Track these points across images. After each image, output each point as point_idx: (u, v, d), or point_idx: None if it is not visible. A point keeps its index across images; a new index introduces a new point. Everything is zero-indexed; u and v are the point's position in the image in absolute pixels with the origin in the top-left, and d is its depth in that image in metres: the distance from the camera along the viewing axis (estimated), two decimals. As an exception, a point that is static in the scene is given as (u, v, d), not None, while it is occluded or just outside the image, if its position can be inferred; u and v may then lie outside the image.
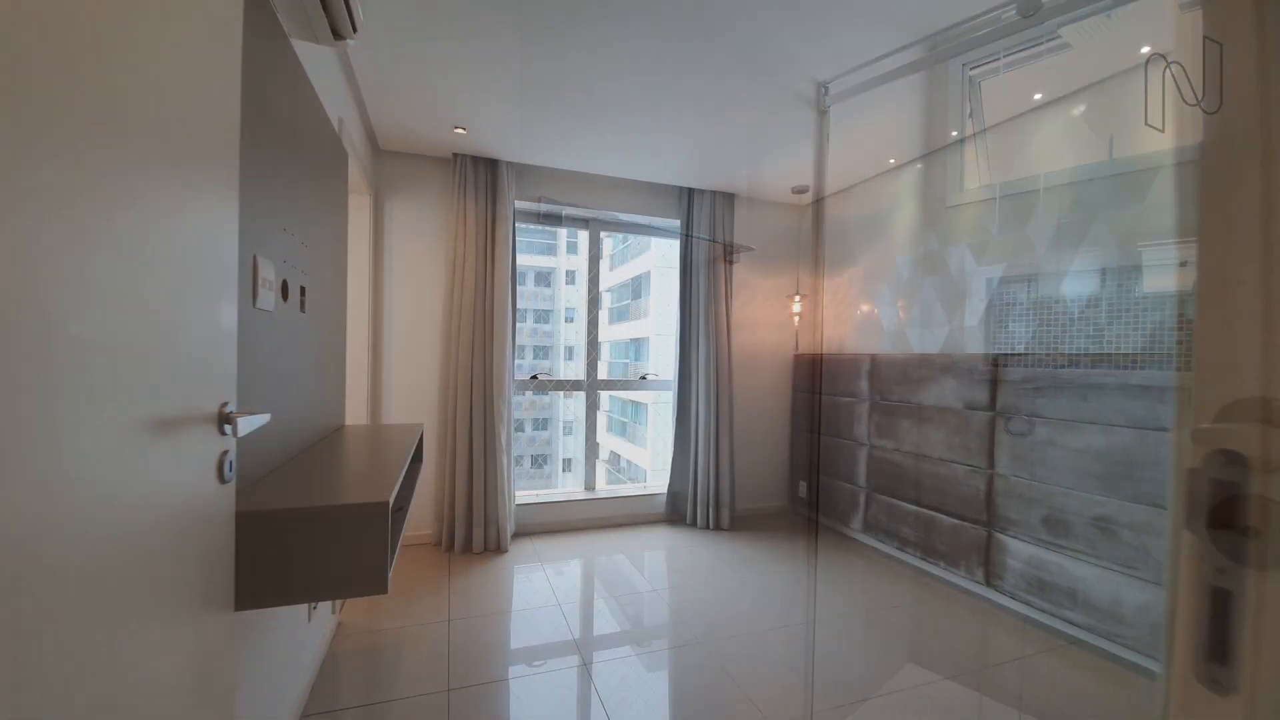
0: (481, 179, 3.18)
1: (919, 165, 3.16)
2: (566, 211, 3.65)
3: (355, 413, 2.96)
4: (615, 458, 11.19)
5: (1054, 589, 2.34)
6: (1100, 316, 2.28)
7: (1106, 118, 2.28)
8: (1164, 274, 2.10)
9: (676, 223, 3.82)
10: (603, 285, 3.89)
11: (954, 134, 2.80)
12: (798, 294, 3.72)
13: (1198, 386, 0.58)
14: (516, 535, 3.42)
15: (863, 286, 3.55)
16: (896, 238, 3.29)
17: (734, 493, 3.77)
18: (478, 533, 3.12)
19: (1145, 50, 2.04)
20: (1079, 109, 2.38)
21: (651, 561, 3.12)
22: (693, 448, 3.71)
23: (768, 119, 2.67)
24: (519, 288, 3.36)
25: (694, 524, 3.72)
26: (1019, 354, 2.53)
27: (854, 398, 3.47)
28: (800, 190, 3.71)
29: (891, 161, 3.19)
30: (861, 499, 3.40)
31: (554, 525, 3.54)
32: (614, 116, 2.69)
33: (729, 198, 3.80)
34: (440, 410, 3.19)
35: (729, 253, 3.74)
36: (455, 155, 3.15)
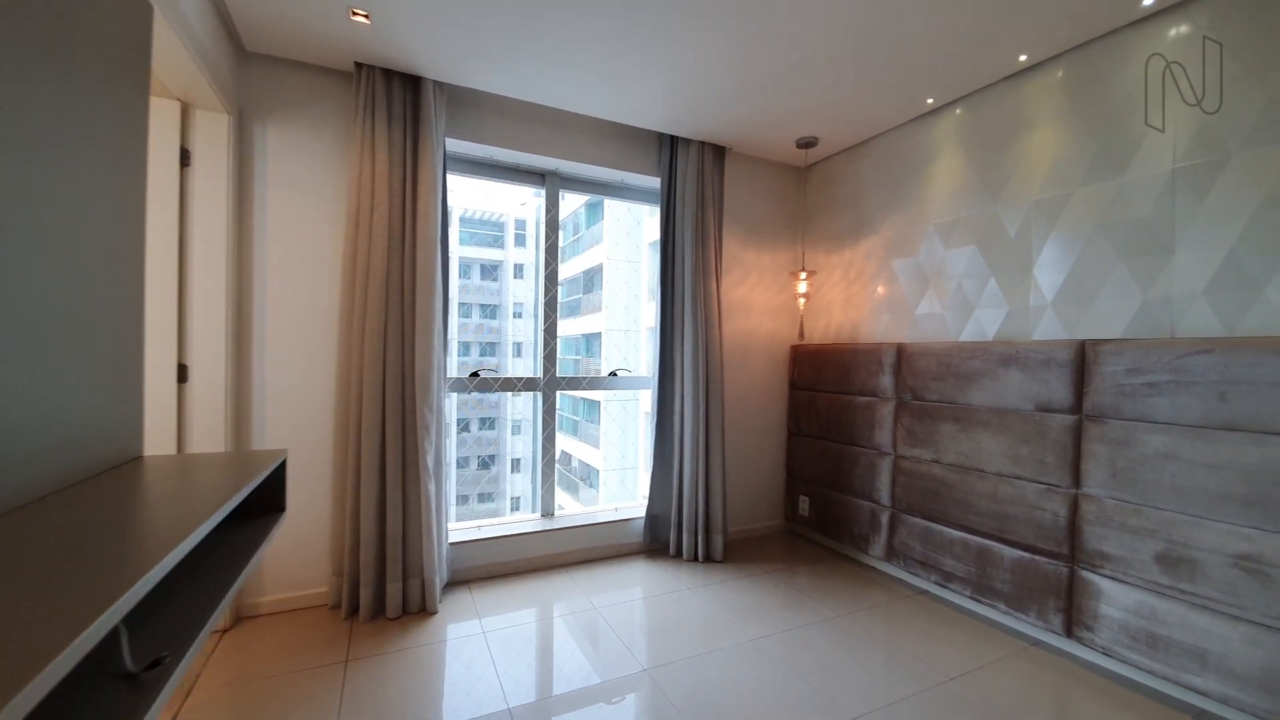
0: (398, 103, 2.31)
1: (961, 108, 2.54)
2: (517, 160, 2.82)
3: (206, 430, 2.04)
4: (566, 457, 10.36)
5: (1172, 646, 1.77)
6: (1237, 284, 1.71)
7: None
8: (1343, 228, 1.54)
9: (656, 182, 3.07)
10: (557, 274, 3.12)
11: (1022, 58, 2.19)
12: (804, 270, 3.06)
13: None
14: (452, 585, 2.58)
15: (882, 262, 2.93)
16: (933, 198, 2.67)
17: (726, 513, 3.07)
18: (394, 589, 2.26)
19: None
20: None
21: (633, 618, 2.37)
22: (676, 462, 2.98)
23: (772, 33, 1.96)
24: (463, 281, 2.53)
25: (679, 555, 2.99)
26: (1117, 339, 1.95)
27: (874, 396, 2.85)
28: (806, 143, 3.04)
29: (930, 101, 2.56)
30: (885, 520, 2.78)
31: (503, 566, 2.72)
32: (575, 14, 1.91)
33: (719, 152, 3.08)
34: (338, 422, 2.29)
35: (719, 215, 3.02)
36: (360, 66, 2.26)
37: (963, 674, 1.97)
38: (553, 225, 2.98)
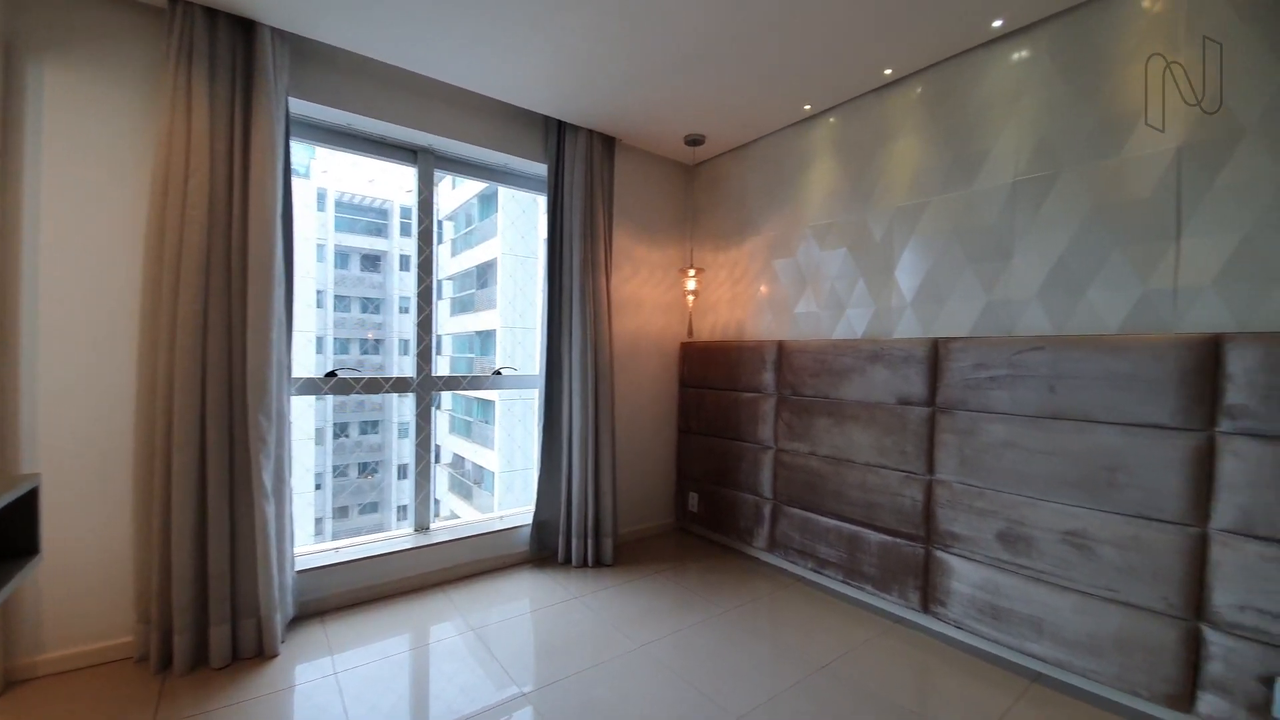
0: (224, 49, 1.93)
1: (834, 117, 2.66)
2: (384, 131, 2.52)
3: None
4: (459, 461, 9.78)
5: (1013, 617, 1.96)
6: (1064, 288, 1.92)
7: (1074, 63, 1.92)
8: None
9: (543, 169, 2.91)
10: (443, 271, 2.85)
11: (887, 72, 2.32)
12: (692, 268, 3.06)
13: None
14: (300, 620, 2.23)
15: (765, 261, 3.00)
16: (810, 202, 2.78)
17: (616, 515, 2.99)
18: (219, 633, 1.89)
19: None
20: (1023, 52, 2.01)
21: (517, 636, 2.19)
22: (565, 464, 2.84)
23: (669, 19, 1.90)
24: (341, 271, 2.18)
25: (568, 562, 2.86)
26: (965, 337, 2.12)
27: (758, 393, 2.91)
28: (695, 141, 3.04)
29: (807, 108, 2.65)
30: (767, 512, 2.86)
31: (367, 592, 2.41)
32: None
33: (609, 143, 2.99)
34: (141, 432, 1.87)
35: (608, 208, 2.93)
36: (173, 1, 1.86)
37: (838, 657, 2.05)
38: (426, 208, 2.70)
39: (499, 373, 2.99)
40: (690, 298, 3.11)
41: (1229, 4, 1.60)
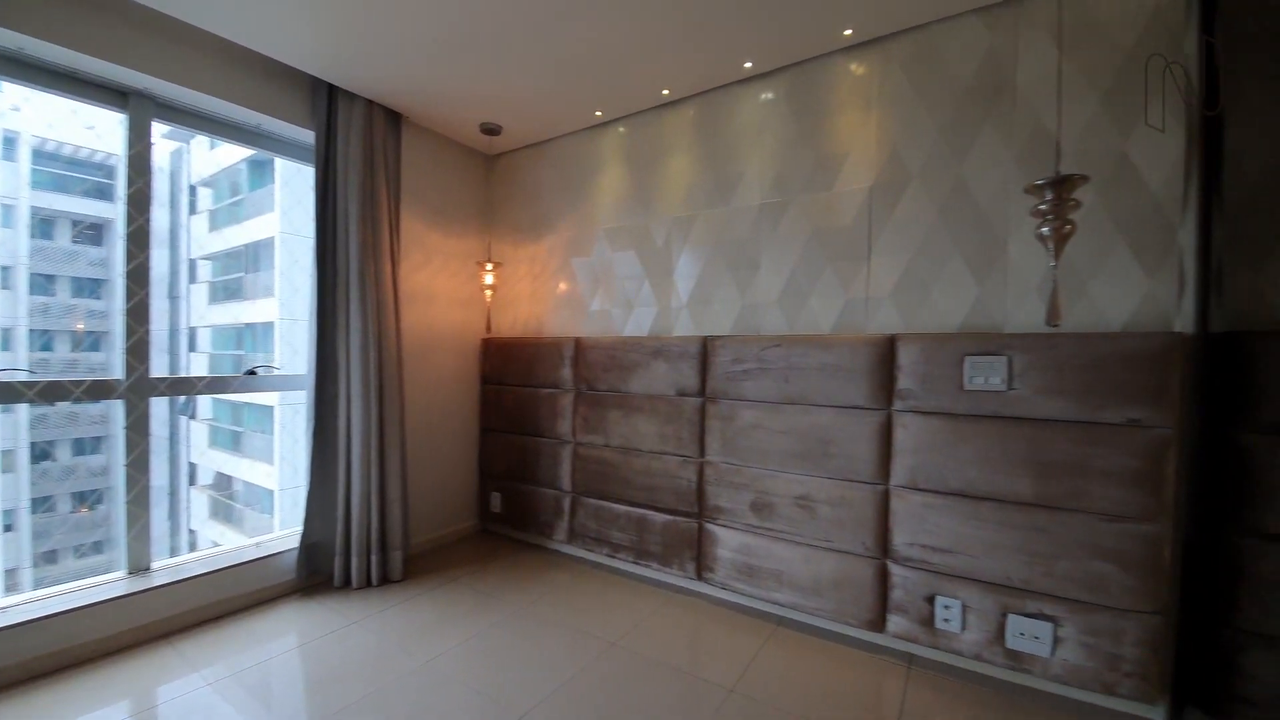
0: None
1: (623, 127, 2.81)
2: (76, 63, 1.95)
3: None
4: (225, 481, 8.15)
5: (762, 573, 2.30)
6: (795, 295, 2.31)
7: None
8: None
9: (309, 136, 2.55)
10: (198, 249, 2.36)
11: (665, 92, 2.52)
12: (489, 261, 2.97)
13: None
14: (-78, 713, 1.63)
15: (564, 259, 3.05)
16: (602, 205, 2.90)
17: (407, 526, 2.78)
18: None
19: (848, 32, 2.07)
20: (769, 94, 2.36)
21: (275, 682, 1.89)
22: (343, 475, 2.54)
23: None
24: (39, 242, 1.63)
25: (348, 584, 2.57)
26: (726, 335, 2.42)
27: (556, 388, 2.96)
28: (491, 130, 2.94)
29: (599, 114, 2.76)
30: (567, 504, 2.93)
31: (54, 659, 1.86)
32: None
33: (395, 118, 2.74)
34: None
35: (391, 189, 2.69)
36: None
37: (629, 630, 2.19)
38: (140, 165, 2.17)
39: (253, 372, 2.56)
40: (488, 292, 3.02)
41: (903, 73, 2.07)
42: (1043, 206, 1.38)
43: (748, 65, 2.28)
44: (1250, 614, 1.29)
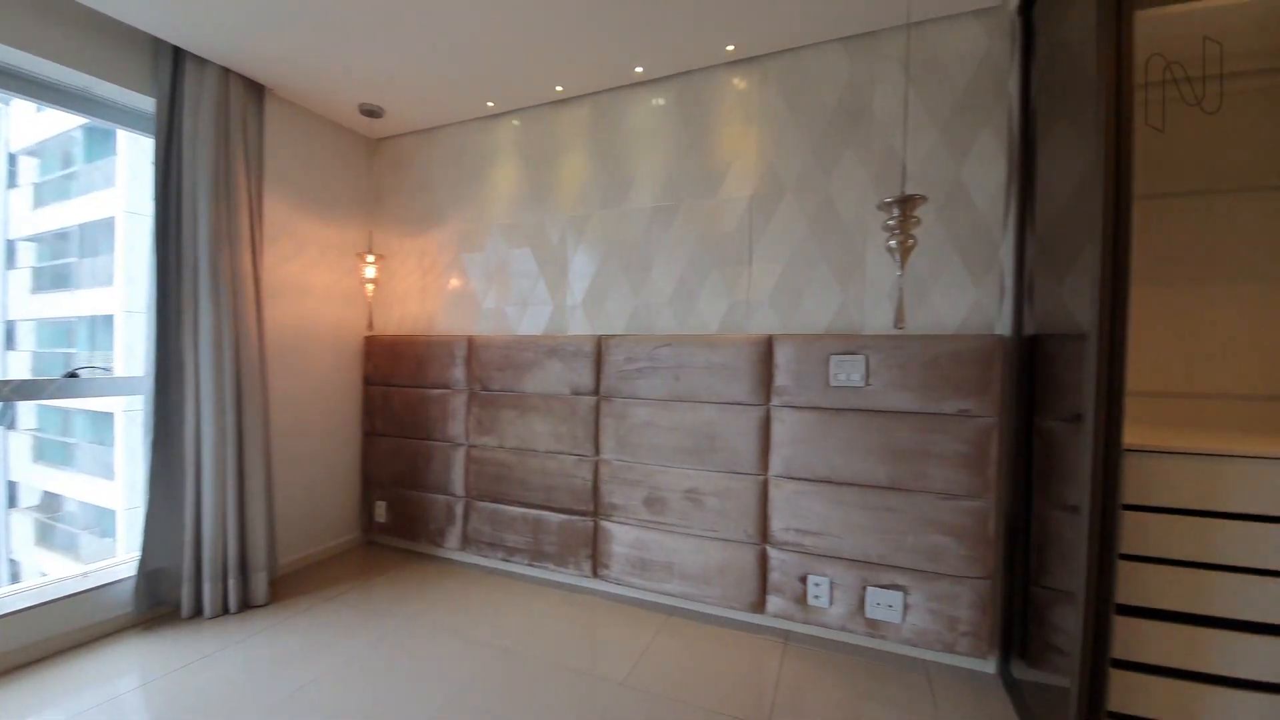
0: None
1: (517, 120, 2.75)
2: None
3: None
4: (54, 501, 6.91)
5: (655, 565, 2.36)
6: (685, 297, 2.39)
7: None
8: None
9: (150, 104, 2.22)
10: (16, 228, 1.97)
11: (559, 89, 2.50)
12: (371, 253, 2.77)
13: None
14: None
15: (455, 254, 2.93)
16: (497, 199, 2.81)
17: (273, 545, 2.52)
18: None
19: (731, 48, 2.17)
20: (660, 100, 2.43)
21: (89, 727, 1.64)
22: (190, 489, 2.25)
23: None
24: None
25: (199, 614, 2.28)
26: (619, 335, 2.46)
27: (448, 389, 2.83)
28: (372, 112, 2.74)
29: (490, 105, 2.67)
30: (459, 510, 2.81)
31: None
32: None
33: (256, 90, 2.47)
34: None
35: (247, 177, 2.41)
36: None
37: (524, 634, 2.16)
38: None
39: (75, 374, 2.19)
40: (370, 286, 2.81)
41: (779, 92, 2.21)
42: (891, 222, 1.54)
43: (639, 70, 2.32)
44: (1057, 574, 1.53)
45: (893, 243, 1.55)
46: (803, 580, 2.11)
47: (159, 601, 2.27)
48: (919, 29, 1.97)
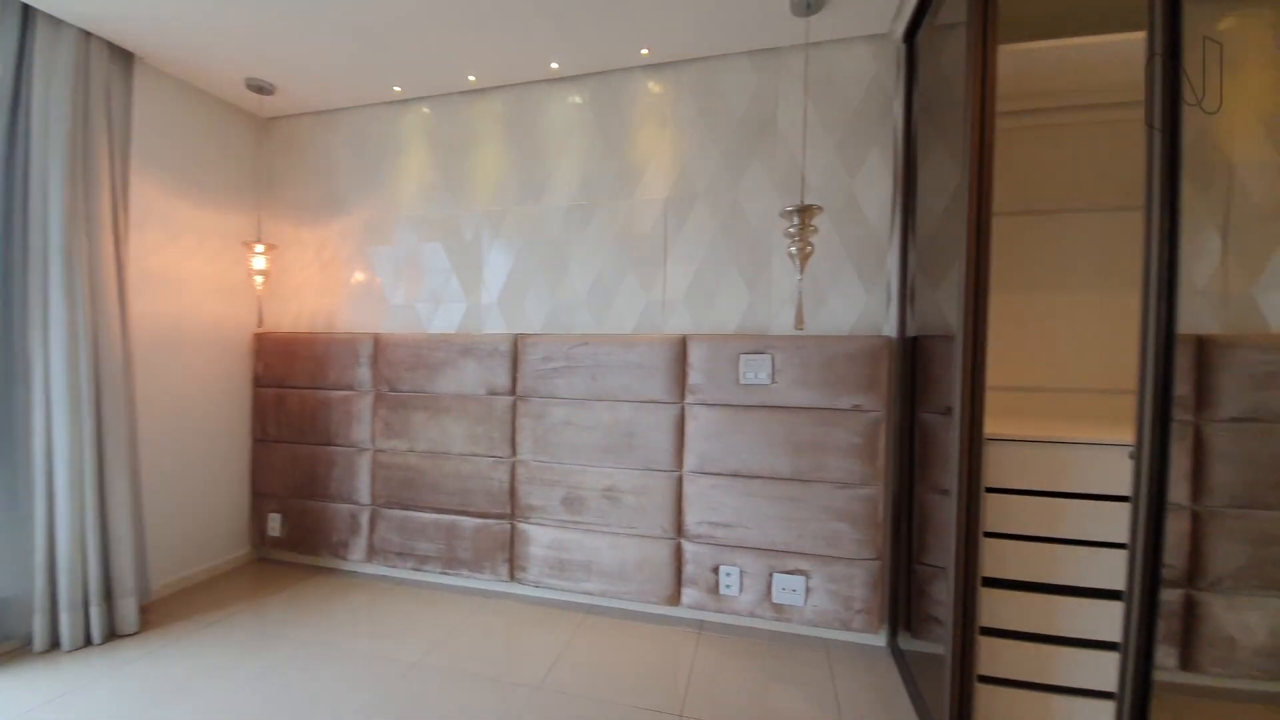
0: None
1: (427, 108, 2.63)
2: None
3: None
4: None
5: (573, 565, 2.36)
6: (602, 296, 2.40)
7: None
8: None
9: (-29, 66, 1.91)
10: None
11: (471, 78, 2.42)
12: (260, 242, 2.54)
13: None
14: None
15: (360, 245, 2.76)
16: (406, 190, 2.67)
17: (143, 565, 2.26)
18: None
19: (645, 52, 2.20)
20: (579, 97, 2.42)
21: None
22: (41, 508, 1.97)
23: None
24: None
25: (55, 646, 2.00)
26: (536, 334, 2.43)
27: (351, 390, 2.67)
28: (261, 88, 2.52)
29: (398, 90, 2.54)
30: (365, 519, 2.66)
31: None
32: None
33: (124, 58, 2.19)
34: None
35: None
36: None
37: (436, 646, 2.08)
38: None
39: (-123, 381, 1.84)
40: (259, 278, 2.58)
41: (692, 99, 2.27)
42: (791, 230, 1.63)
43: (554, 66, 2.30)
44: (934, 552, 1.69)
45: (793, 249, 1.65)
46: (715, 571, 2.19)
47: (6, 636, 1.97)
48: (816, 49, 2.10)
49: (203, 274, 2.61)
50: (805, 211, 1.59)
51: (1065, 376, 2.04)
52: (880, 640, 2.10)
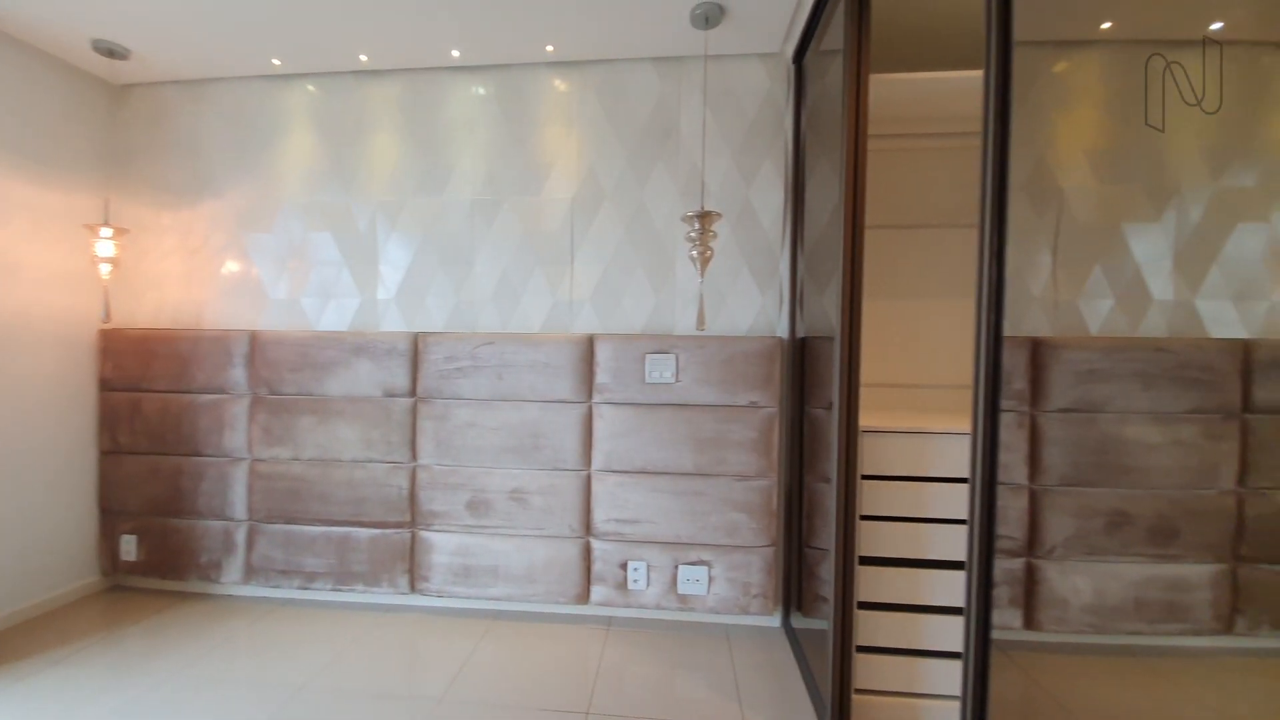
0: None
1: (313, 85, 2.44)
2: None
3: None
4: None
5: (479, 571, 2.30)
6: (508, 295, 2.36)
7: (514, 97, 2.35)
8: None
9: None
10: None
11: (363, 58, 2.27)
12: (107, 225, 2.22)
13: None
14: None
15: (234, 233, 2.50)
16: (289, 174, 2.46)
17: (-48, 602, 1.91)
18: None
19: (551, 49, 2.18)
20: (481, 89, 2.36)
21: None
22: None
23: None
24: None
25: None
26: (439, 332, 2.33)
27: (223, 394, 2.41)
28: (112, 51, 2.20)
29: (276, 63, 2.32)
30: (241, 537, 2.42)
31: None
32: None
33: (-96, 0, 1.82)
34: None
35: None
36: None
37: (324, 668, 1.93)
38: None
39: None
40: (106, 267, 2.26)
41: (598, 100, 2.29)
42: (692, 234, 1.70)
43: (455, 54, 2.22)
44: (820, 536, 1.83)
45: (694, 253, 1.71)
46: (623, 567, 2.23)
47: None
48: (716, 62, 2.20)
49: (37, 262, 2.23)
50: (705, 217, 1.67)
51: (927, 374, 2.29)
52: (775, 621, 2.24)
